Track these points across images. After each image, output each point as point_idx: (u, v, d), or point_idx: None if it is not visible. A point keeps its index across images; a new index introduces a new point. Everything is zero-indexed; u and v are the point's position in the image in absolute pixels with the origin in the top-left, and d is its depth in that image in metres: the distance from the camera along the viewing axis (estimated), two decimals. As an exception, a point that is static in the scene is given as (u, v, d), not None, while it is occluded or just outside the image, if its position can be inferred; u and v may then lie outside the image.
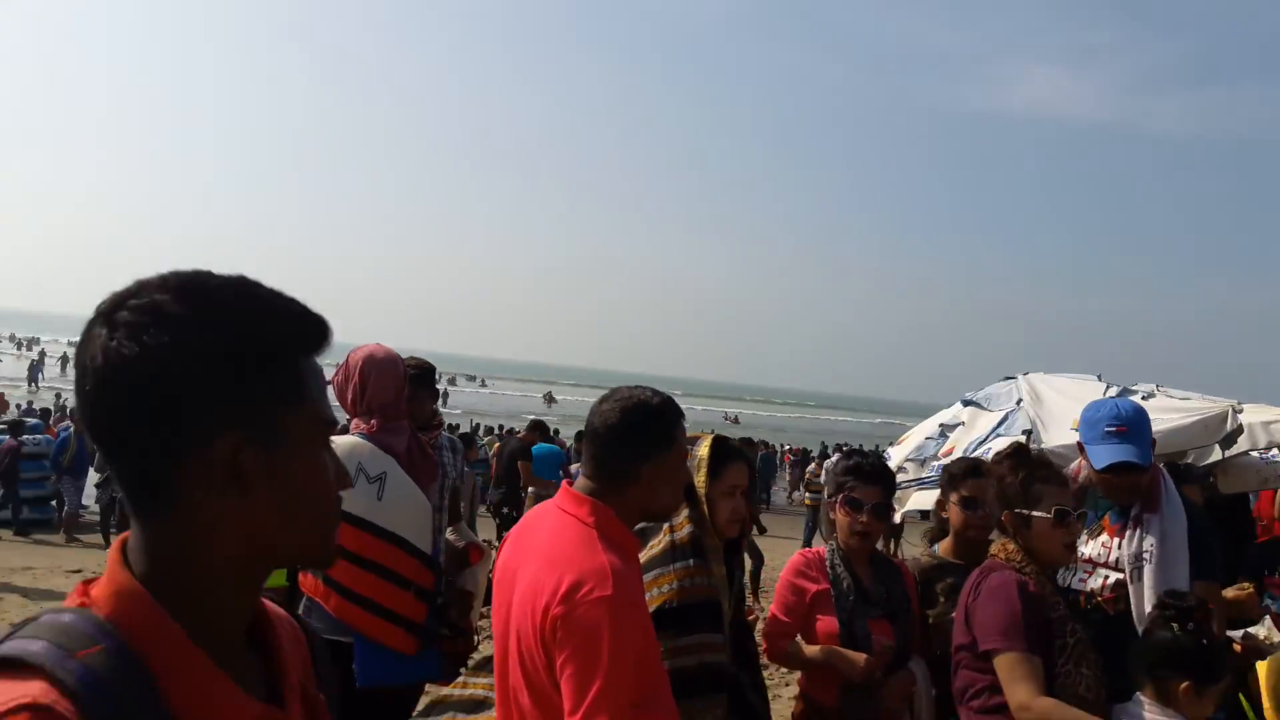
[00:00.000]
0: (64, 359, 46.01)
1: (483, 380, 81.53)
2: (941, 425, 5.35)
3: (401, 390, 3.34)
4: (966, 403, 5.45)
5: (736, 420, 60.58)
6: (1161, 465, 3.15)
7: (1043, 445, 4.49)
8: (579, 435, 12.97)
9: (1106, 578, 2.93)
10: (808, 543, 13.58)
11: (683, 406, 2.26)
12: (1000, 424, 5.05)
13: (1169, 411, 4.73)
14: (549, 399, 65.04)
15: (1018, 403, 5.19)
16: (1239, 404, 4.81)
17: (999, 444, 4.84)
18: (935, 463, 5.02)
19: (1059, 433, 4.63)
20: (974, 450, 4.95)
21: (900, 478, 5.14)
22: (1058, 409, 4.96)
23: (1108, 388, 5.21)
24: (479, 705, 2.41)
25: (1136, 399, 5.01)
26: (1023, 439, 4.73)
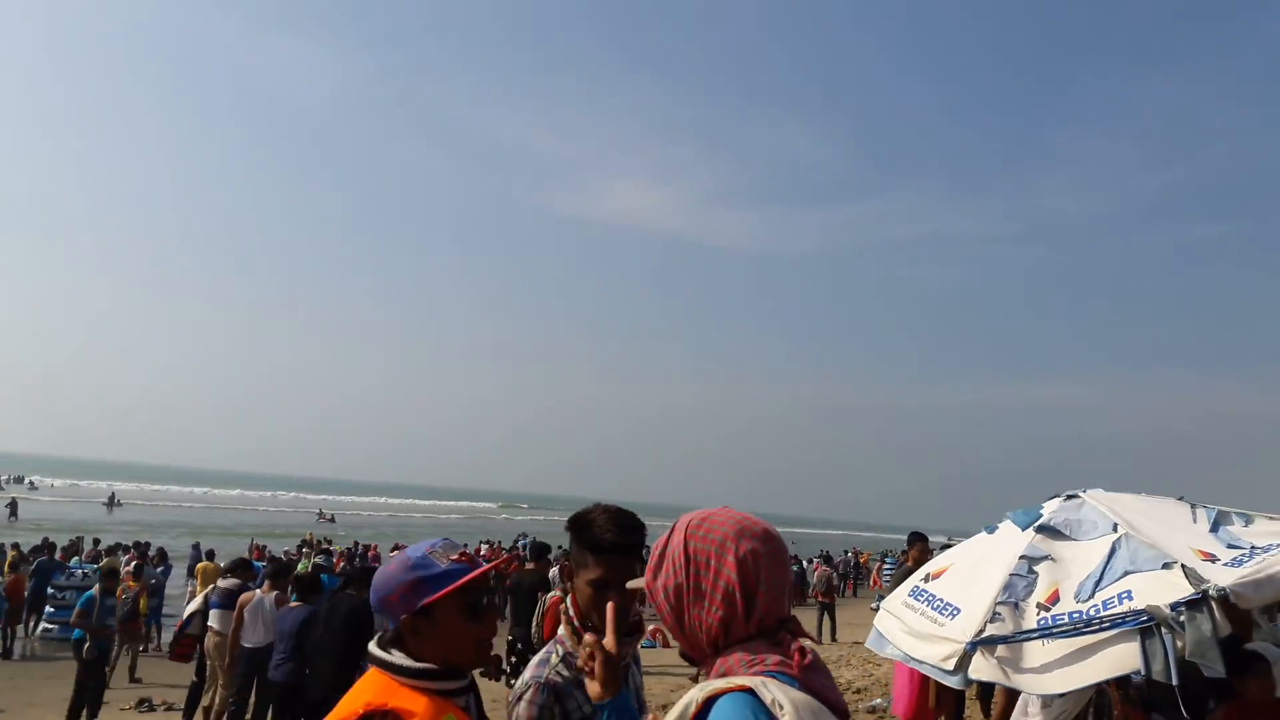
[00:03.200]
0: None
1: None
2: (1025, 559, 4.54)
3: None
4: (1041, 529, 4.70)
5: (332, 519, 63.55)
6: None
7: (1227, 587, 3.80)
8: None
9: None
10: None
11: None
12: (1111, 557, 4.33)
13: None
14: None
15: (1114, 528, 4.52)
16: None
17: (1139, 583, 4.13)
18: (1047, 613, 4.17)
19: (1194, 566, 3.99)
20: (1098, 590, 4.17)
21: (997, 628, 4.27)
22: (1162, 538, 4.34)
23: (1194, 508, 4.71)
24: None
25: (1238, 526, 4.54)
26: (1176, 575, 4.06)
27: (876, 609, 5.66)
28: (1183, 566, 4.00)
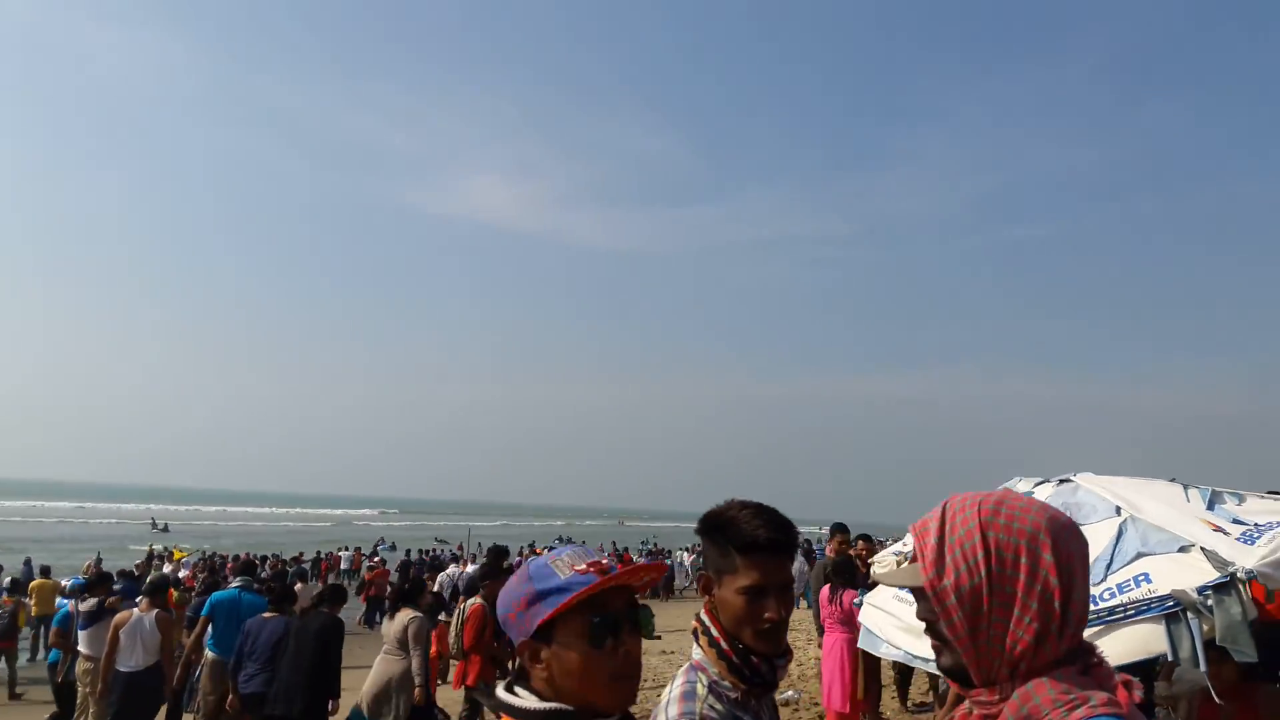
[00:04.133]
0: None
1: None
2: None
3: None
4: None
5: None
6: None
7: (1251, 568, 3.70)
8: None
9: None
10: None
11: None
12: (1119, 539, 4.22)
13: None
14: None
15: (1117, 510, 4.41)
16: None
17: (1156, 565, 4.01)
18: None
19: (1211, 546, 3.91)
20: (1110, 574, 4.05)
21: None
22: (1167, 519, 4.26)
23: (1186, 488, 4.66)
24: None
25: (1232, 505, 4.51)
26: (1195, 557, 3.96)
27: (859, 605, 5.43)
28: (1202, 549, 3.90)
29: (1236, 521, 4.17)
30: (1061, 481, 4.87)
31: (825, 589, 8.55)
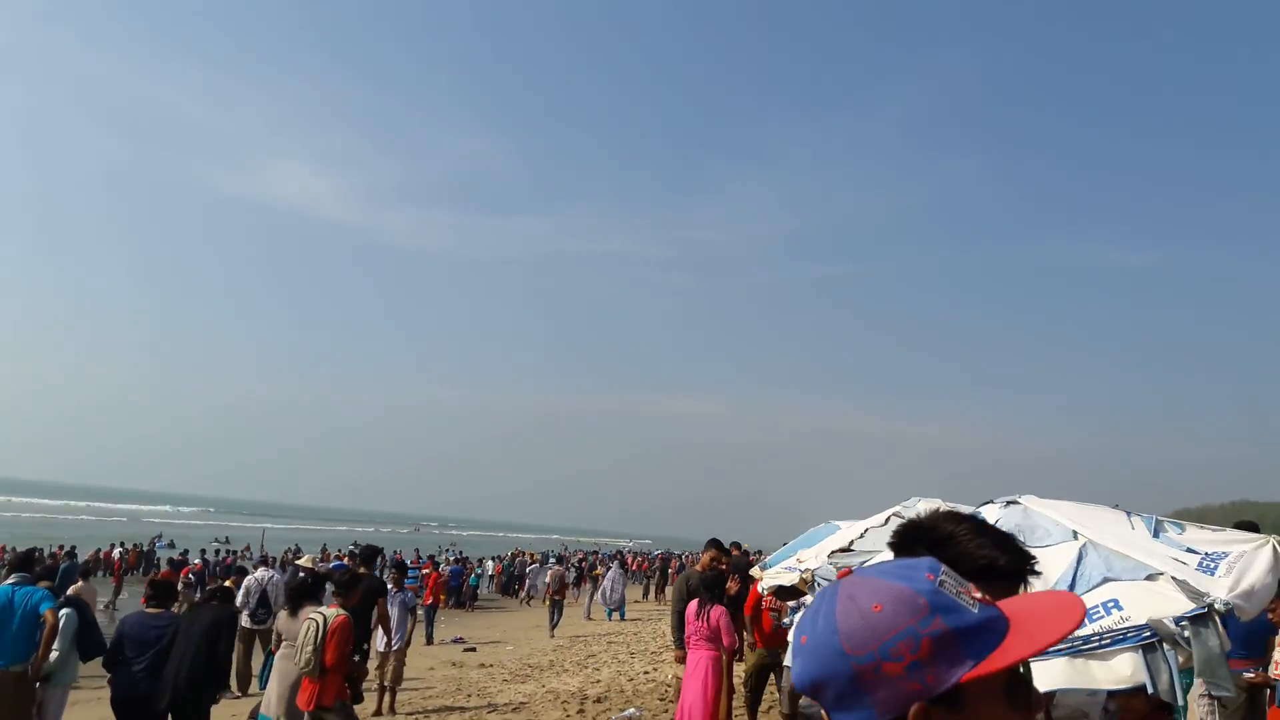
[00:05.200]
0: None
1: None
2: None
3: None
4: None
5: None
6: None
7: (1226, 600, 3.60)
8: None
9: None
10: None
11: None
12: (1080, 562, 4.05)
13: (1231, 544, 4.22)
14: None
15: (1074, 535, 4.26)
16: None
17: (1126, 592, 3.86)
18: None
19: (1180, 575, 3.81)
20: (1090, 588, 3.87)
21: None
22: (1127, 546, 4.15)
23: (1130, 515, 4.58)
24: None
25: (1174, 533, 4.46)
26: (1165, 586, 3.83)
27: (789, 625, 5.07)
28: (1174, 578, 3.79)
29: (1190, 550, 4.11)
30: (1008, 503, 4.70)
31: (693, 604, 8.24)
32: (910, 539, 1.56)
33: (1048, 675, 3.62)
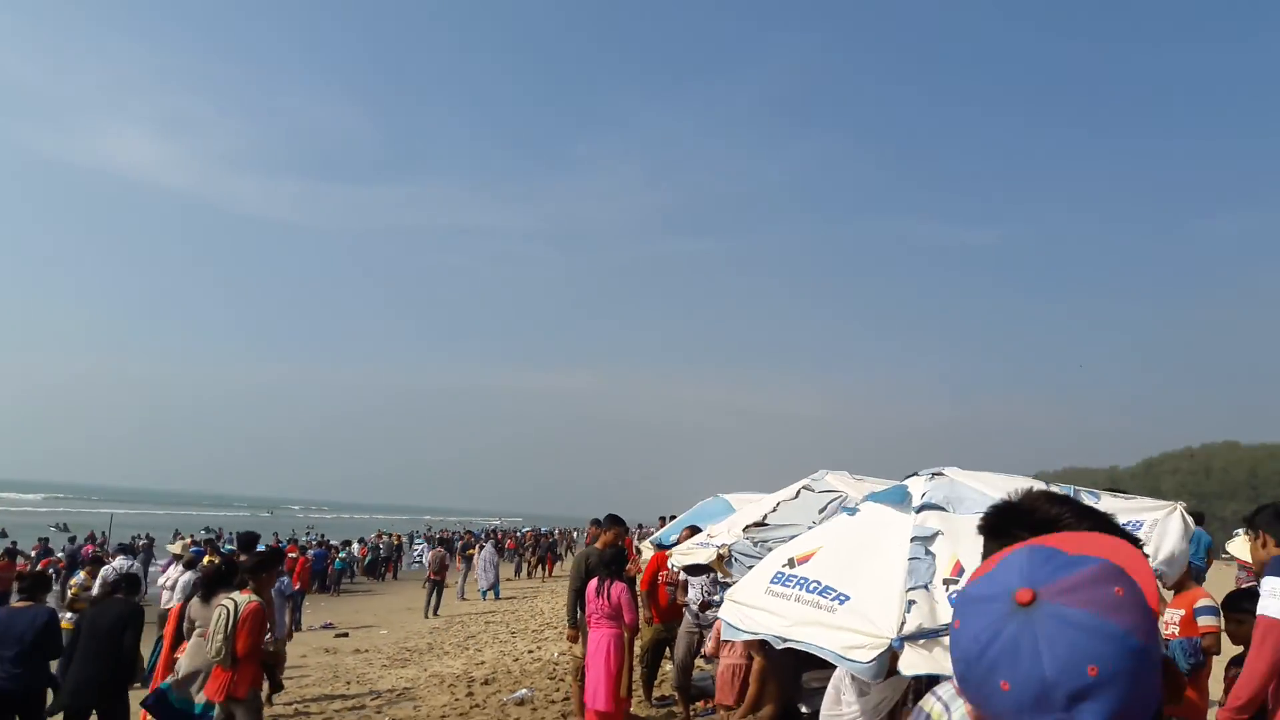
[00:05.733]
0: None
1: None
2: (918, 541, 4.17)
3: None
4: (925, 507, 4.35)
5: None
6: None
7: (1156, 566, 3.72)
8: None
9: None
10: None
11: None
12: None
13: (1143, 512, 4.38)
14: None
15: (1001, 505, 4.34)
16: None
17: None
18: (955, 586, 3.87)
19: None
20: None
21: (918, 617, 3.85)
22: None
23: (1049, 485, 4.69)
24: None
25: (1088, 500, 4.60)
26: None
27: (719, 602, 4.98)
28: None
29: (1109, 519, 4.24)
30: (934, 475, 4.74)
31: (593, 582, 8.12)
32: (1009, 521, 1.45)
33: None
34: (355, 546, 37.33)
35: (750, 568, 5.96)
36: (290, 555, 23.88)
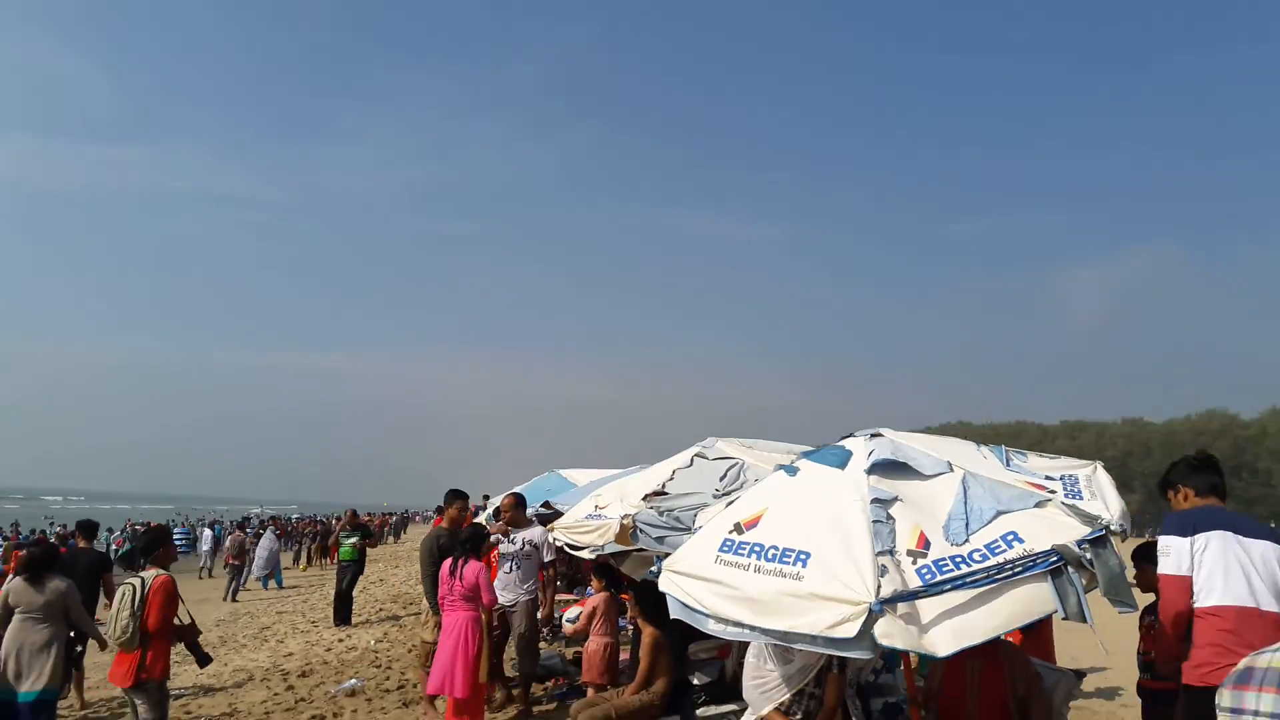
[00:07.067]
0: None
1: None
2: (878, 503, 4.00)
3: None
4: (875, 468, 4.20)
5: None
6: None
7: (1117, 523, 3.74)
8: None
9: None
10: None
11: None
12: (966, 495, 4.02)
13: (1072, 469, 4.44)
14: None
15: (950, 466, 4.26)
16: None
17: (1021, 522, 3.88)
18: (924, 559, 3.73)
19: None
20: (971, 533, 3.85)
21: (890, 583, 3.70)
22: (1002, 476, 4.24)
23: (979, 446, 4.69)
24: None
25: (1019, 461, 4.61)
26: (1056, 512, 3.90)
27: (656, 574, 4.62)
28: (1064, 503, 3.90)
29: (1048, 477, 4.28)
30: (873, 435, 4.63)
31: (446, 563, 7.60)
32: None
33: (958, 614, 3.58)
34: (105, 536, 34.12)
35: (658, 539, 5.70)
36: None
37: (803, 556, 3.88)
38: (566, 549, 7.51)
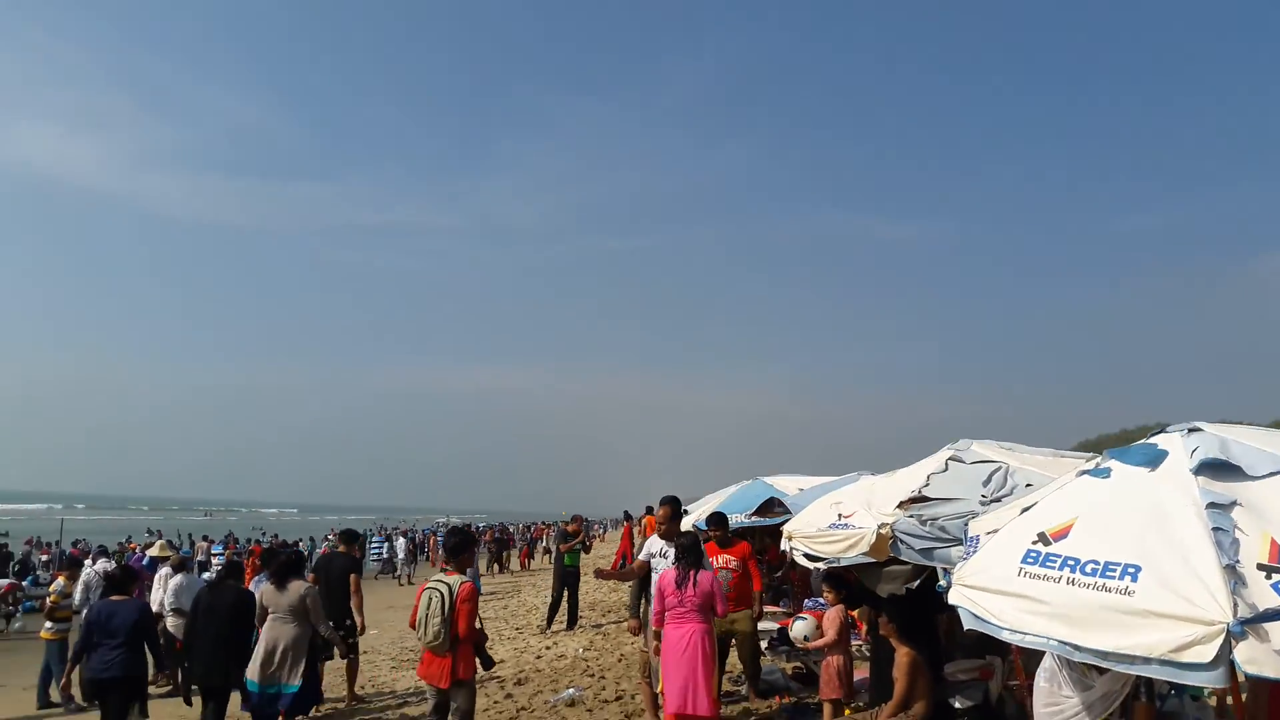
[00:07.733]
0: None
1: None
2: (1216, 508, 3.51)
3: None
4: (1204, 468, 3.71)
5: None
6: None
7: None
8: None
9: None
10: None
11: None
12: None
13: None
14: None
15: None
16: None
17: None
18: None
19: None
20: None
21: (1249, 598, 3.19)
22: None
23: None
24: None
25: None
26: None
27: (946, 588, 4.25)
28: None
29: None
30: (1191, 430, 4.09)
31: (670, 572, 7.36)
32: None
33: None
34: (318, 545, 36.08)
35: (922, 551, 5.28)
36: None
37: (1131, 569, 3.41)
38: (805, 559, 7.12)
